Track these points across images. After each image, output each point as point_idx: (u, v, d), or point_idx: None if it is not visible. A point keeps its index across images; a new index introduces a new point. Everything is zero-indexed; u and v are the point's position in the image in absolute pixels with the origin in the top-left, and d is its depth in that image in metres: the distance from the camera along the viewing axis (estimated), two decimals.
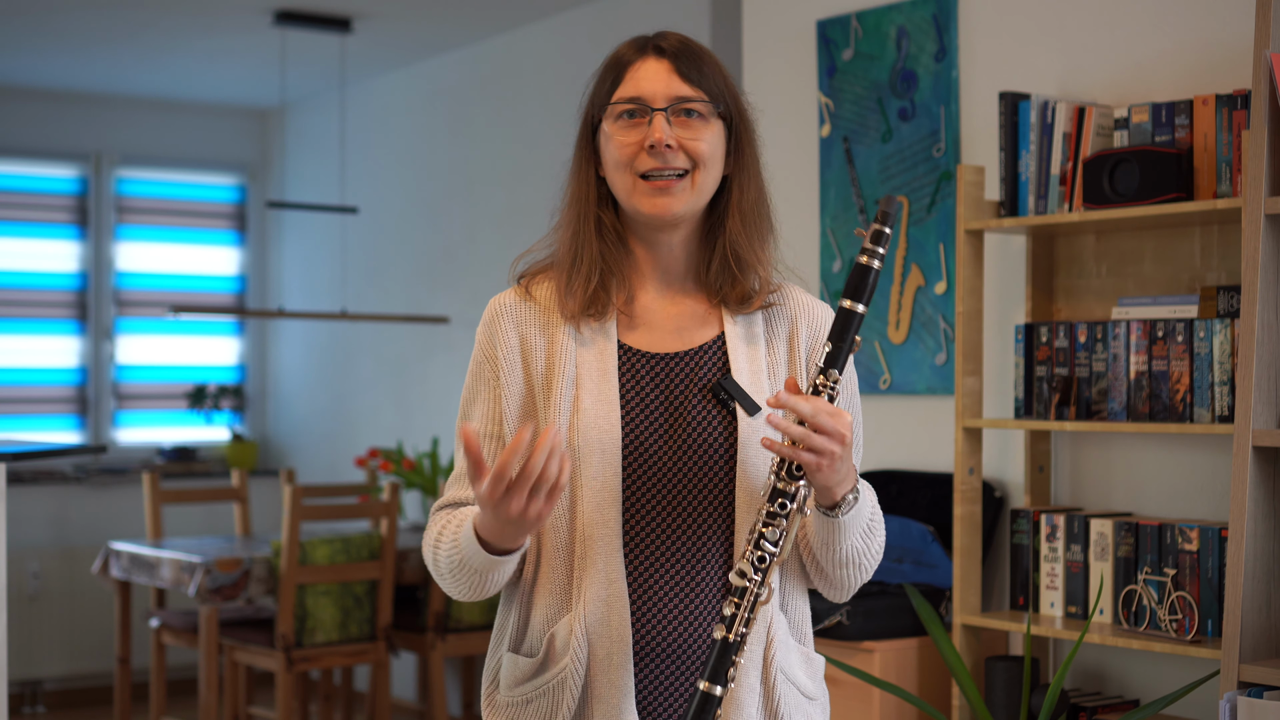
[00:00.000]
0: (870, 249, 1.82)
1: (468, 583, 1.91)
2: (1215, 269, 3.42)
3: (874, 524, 1.97)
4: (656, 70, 1.96)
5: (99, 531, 7.22)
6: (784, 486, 1.82)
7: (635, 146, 1.94)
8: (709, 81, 1.96)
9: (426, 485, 6.23)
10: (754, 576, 1.81)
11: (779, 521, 1.82)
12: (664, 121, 1.93)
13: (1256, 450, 2.92)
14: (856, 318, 1.83)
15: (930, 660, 3.73)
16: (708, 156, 1.95)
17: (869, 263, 1.82)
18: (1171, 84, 3.51)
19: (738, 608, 1.82)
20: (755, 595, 1.82)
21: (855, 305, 1.82)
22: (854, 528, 1.92)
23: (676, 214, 1.95)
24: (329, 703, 6.01)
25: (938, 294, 4.04)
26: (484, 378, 2.00)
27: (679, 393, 1.96)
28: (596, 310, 1.97)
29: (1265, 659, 2.93)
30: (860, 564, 1.96)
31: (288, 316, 6.76)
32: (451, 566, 1.91)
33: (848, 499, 1.88)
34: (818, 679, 2.05)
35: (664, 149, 1.93)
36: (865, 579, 2.00)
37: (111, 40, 6.48)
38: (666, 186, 1.94)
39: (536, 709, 1.94)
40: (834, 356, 1.83)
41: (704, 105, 1.95)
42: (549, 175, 7.31)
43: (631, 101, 1.95)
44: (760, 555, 1.81)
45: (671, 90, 1.95)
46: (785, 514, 1.82)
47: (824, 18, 4.35)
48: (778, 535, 1.82)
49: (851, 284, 1.83)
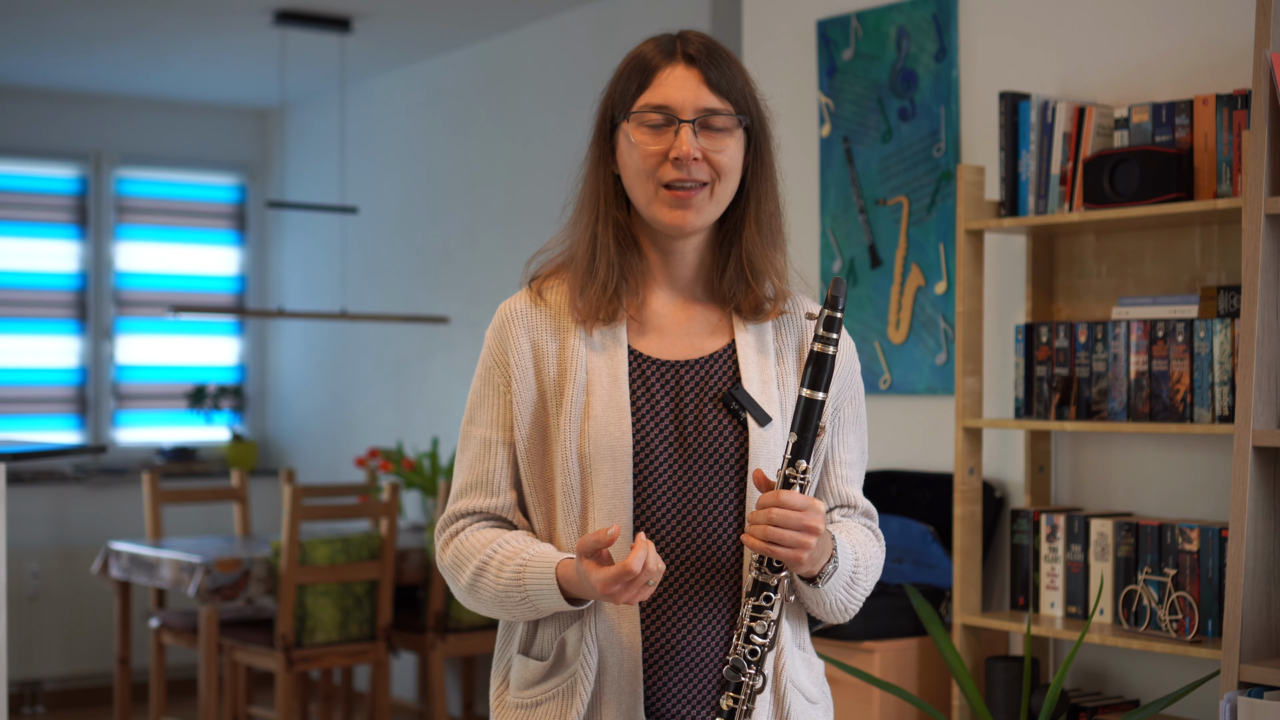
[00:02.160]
0: (824, 335, 1.85)
1: (514, 613, 1.94)
2: (1215, 269, 3.42)
3: (856, 576, 1.99)
4: (685, 79, 1.94)
5: (99, 531, 7.22)
6: (765, 579, 1.86)
7: (659, 156, 1.93)
8: (735, 92, 1.96)
9: (426, 485, 6.22)
10: (749, 671, 1.85)
11: (766, 614, 1.86)
12: (691, 134, 1.92)
13: (1256, 450, 2.92)
14: (818, 405, 1.85)
15: (930, 660, 3.73)
16: (729, 169, 1.95)
17: (824, 349, 1.85)
18: (1171, 84, 3.51)
19: (736, 701, 1.85)
20: (751, 687, 1.86)
21: (815, 393, 1.85)
22: (834, 587, 1.95)
23: (695, 226, 1.95)
24: (329, 703, 6.01)
25: (938, 294, 4.04)
26: (493, 383, 1.99)
27: (689, 400, 1.96)
28: (607, 315, 1.96)
29: (1265, 659, 2.93)
30: (846, 608, 2.00)
31: (288, 316, 6.76)
32: (503, 599, 1.92)
33: (826, 570, 1.92)
34: (820, 683, 2.06)
35: (690, 162, 1.92)
36: (856, 610, 2.04)
37: (111, 40, 6.48)
38: (687, 198, 1.93)
39: (547, 711, 1.94)
40: (799, 446, 1.86)
41: (729, 118, 1.94)
42: (549, 175, 7.31)
43: (659, 110, 1.93)
44: (752, 649, 1.85)
45: (700, 101, 1.93)
46: (770, 605, 1.86)
47: (824, 18, 4.35)
48: (766, 628, 1.86)
49: (810, 373, 1.85)
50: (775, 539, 1.82)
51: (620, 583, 1.79)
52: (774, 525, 1.81)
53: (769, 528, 1.82)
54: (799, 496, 1.82)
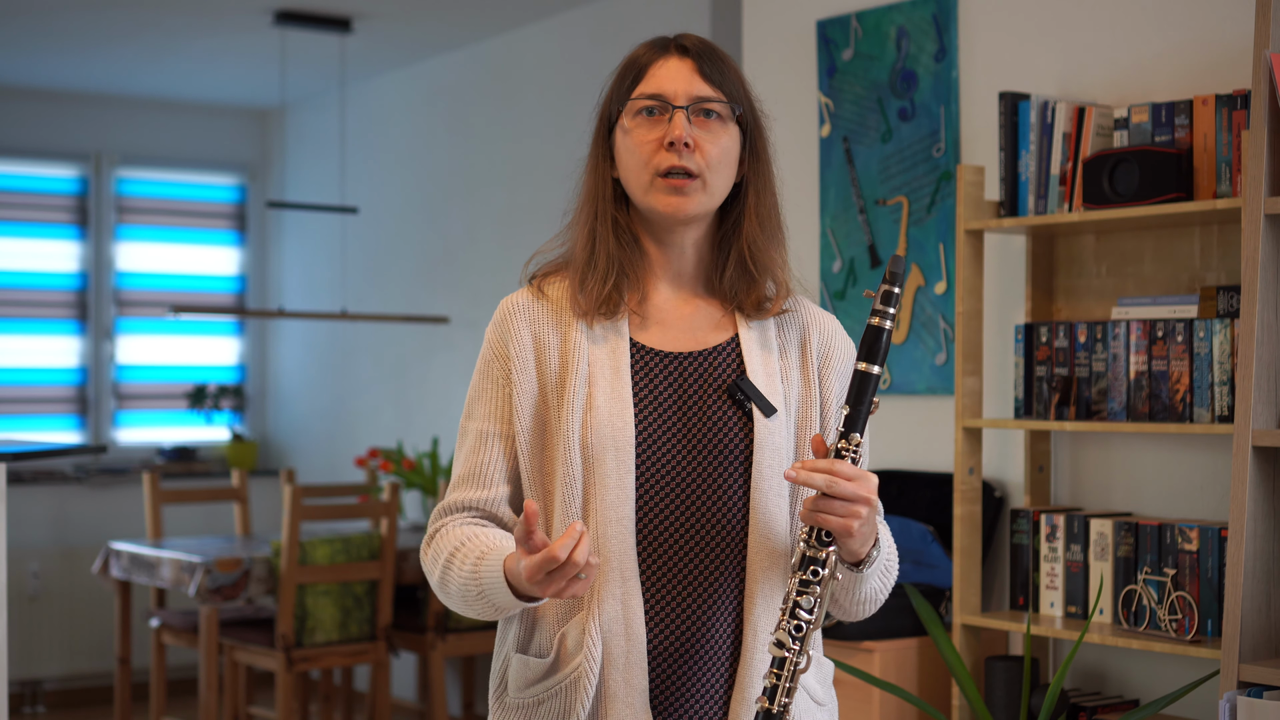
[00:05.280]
0: (881, 310, 1.84)
1: (478, 611, 1.92)
2: (1215, 269, 3.42)
3: (890, 563, 1.99)
4: (679, 68, 1.96)
5: (99, 531, 7.22)
6: (814, 554, 1.83)
7: (655, 144, 1.94)
8: (729, 84, 1.97)
9: (426, 485, 6.22)
10: (793, 646, 1.82)
11: (813, 589, 1.83)
12: (684, 119, 1.93)
13: (1256, 450, 2.92)
14: (873, 379, 1.84)
15: (930, 660, 3.73)
16: (720, 160, 1.96)
17: (881, 324, 1.84)
18: (1171, 84, 3.51)
19: (778, 678, 1.82)
20: (794, 665, 1.82)
21: (870, 367, 1.84)
22: (873, 573, 1.94)
23: (690, 213, 1.95)
24: (329, 703, 6.01)
25: (938, 294, 4.04)
26: (492, 376, 1.99)
27: (693, 392, 1.96)
28: (609, 308, 1.97)
29: (1265, 659, 2.93)
30: (876, 599, 1.99)
31: (288, 316, 6.76)
32: (465, 594, 1.91)
33: (872, 554, 1.90)
34: (827, 684, 2.04)
35: (683, 147, 1.93)
36: (882, 602, 2.02)
37: (111, 40, 6.48)
38: (681, 186, 1.94)
39: (549, 709, 1.93)
40: (853, 419, 1.84)
41: (723, 107, 1.95)
42: (549, 175, 7.32)
43: (653, 98, 1.95)
44: (797, 624, 1.82)
45: (693, 89, 1.95)
46: (818, 580, 1.83)
47: (824, 18, 4.35)
48: (812, 603, 1.83)
49: (865, 346, 1.84)
50: (826, 509, 1.79)
51: (543, 571, 1.75)
52: (826, 495, 1.79)
53: (820, 498, 1.79)
54: (851, 467, 1.81)
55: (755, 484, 1.93)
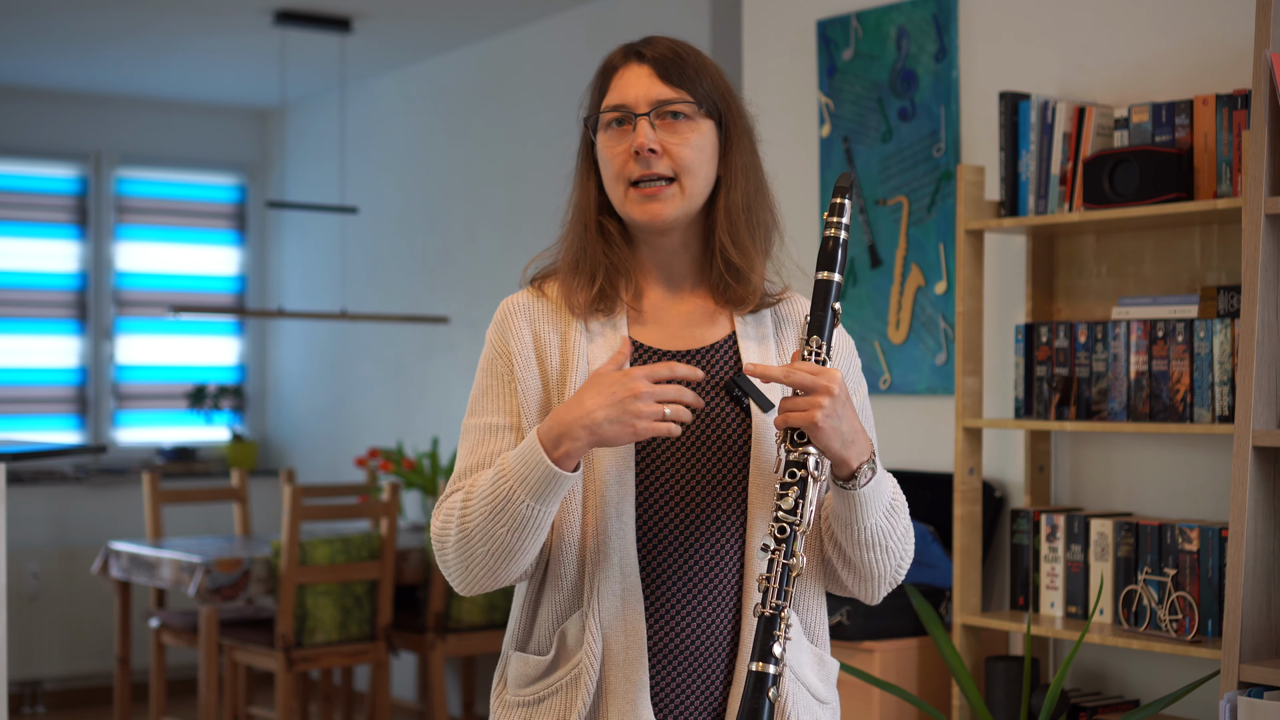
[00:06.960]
0: (833, 221, 1.90)
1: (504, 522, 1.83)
2: (1215, 269, 3.42)
3: (896, 505, 1.96)
4: (637, 76, 1.96)
5: (99, 531, 7.22)
6: (793, 455, 1.83)
7: (624, 154, 1.95)
8: (692, 83, 1.96)
9: (426, 485, 6.22)
10: (776, 548, 1.81)
11: (792, 489, 1.82)
12: (647, 126, 1.94)
13: (1256, 450, 2.92)
14: (832, 285, 1.88)
15: (930, 660, 3.73)
16: (692, 160, 1.95)
17: (835, 234, 1.89)
18: (1171, 84, 3.51)
19: (768, 581, 1.81)
20: (784, 566, 1.81)
21: (831, 275, 1.89)
22: (875, 504, 1.91)
23: (667, 220, 1.95)
24: (329, 703, 6.01)
25: (938, 294, 4.04)
26: (496, 373, 1.99)
27: (692, 389, 1.96)
28: (605, 306, 1.98)
29: (1265, 659, 2.93)
30: (886, 546, 1.94)
31: (288, 316, 6.76)
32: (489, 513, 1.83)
33: (864, 469, 1.87)
34: (830, 683, 2.03)
35: (648, 154, 1.93)
36: (895, 569, 1.98)
37: (111, 40, 6.48)
38: (655, 193, 1.94)
39: (549, 707, 1.93)
40: (815, 324, 1.88)
41: (687, 106, 1.95)
42: (549, 175, 7.32)
43: (616, 109, 1.96)
44: (780, 525, 1.82)
45: (652, 94, 1.95)
46: (797, 481, 1.82)
47: (824, 18, 4.35)
48: (792, 503, 1.82)
49: (821, 256, 1.90)
50: (790, 405, 1.81)
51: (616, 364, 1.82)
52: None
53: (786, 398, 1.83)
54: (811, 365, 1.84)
55: (753, 480, 1.93)
